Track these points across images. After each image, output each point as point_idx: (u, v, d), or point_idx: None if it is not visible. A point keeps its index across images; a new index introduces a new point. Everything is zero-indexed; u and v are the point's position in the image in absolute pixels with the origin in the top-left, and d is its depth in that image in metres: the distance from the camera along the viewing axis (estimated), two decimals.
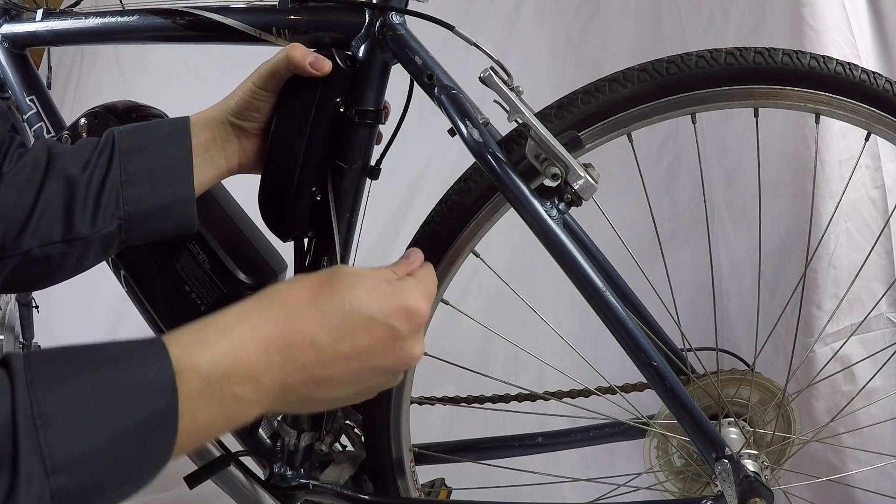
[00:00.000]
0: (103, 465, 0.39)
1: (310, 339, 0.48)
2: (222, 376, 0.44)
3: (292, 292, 0.50)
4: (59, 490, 0.37)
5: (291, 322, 0.47)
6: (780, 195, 1.29)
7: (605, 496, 0.99)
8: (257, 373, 0.45)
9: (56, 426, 0.37)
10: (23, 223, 0.65)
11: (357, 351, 0.49)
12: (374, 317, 0.50)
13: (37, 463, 0.36)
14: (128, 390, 0.40)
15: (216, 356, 0.44)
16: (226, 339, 0.45)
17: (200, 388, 0.43)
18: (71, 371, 0.39)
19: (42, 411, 0.37)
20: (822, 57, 0.76)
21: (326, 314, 0.49)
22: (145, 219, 0.68)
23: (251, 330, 0.46)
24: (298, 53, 0.69)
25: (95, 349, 0.42)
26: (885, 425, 1.19)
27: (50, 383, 0.38)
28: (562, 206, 0.73)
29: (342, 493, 0.91)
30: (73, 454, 0.37)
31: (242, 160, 0.75)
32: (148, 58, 2.29)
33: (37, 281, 0.69)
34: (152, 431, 0.41)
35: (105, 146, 0.69)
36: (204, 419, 0.44)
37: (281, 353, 0.47)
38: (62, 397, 0.38)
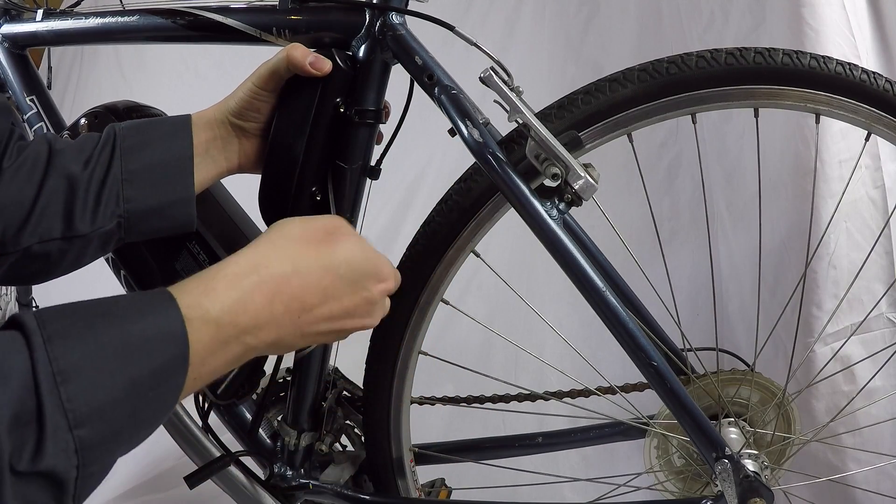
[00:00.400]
0: (121, 415, 0.41)
1: (310, 294, 0.52)
2: (231, 324, 0.47)
3: (298, 245, 0.53)
4: (82, 442, 0.38)
5: (297, 277, 0.51)
6: (780, 195, 1.29)
7: (605, 496, 0.99)
8: (261, 322, 0.49)
9: (75, 381, 0.38)
10: (23, 220, 0.65)
11: (342, 311, 0.55)
12: (360, 282, 0.55)
13: (60, 418, 0.37)
14: (141, 342, 0.42)
15: (225, 305, 0.47)
16: (235, 291, 0.48)
17: (211, 335, 0.46)
18: (84, 326, 0.41)
19: (61, 368, 0.38)
20: (822, 57, 0.76)
21: (327, 272, 0.53)
22: (145, 217, 0.68)
23: (260, 281, 0.49)
24: (298, 53, 0.69)
25: (105, 303, 0.43)
26: (885, 425, 1.19)
27: (65, 340, 0.39)
28: (562, 206, 0.73)
29: (342, 493, 0.91)
30: (93, 407, 0.39)
31: (242, 160, 0.75)
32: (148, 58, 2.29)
33: (35, 276, 0.69)
34: (165, 379, 0.43)
35: (106, 143, 0.68)
36: (212, 363, 0.46)
37: (283, 304, 0.50)
38: (79, 353, 0.39)
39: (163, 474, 1.58)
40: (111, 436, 0.40)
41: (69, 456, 0.38)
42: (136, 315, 0.43)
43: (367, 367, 0.89)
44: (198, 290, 0.47)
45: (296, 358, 0.89)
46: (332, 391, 0.93)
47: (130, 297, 0.45)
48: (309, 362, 0.88)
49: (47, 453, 0.37)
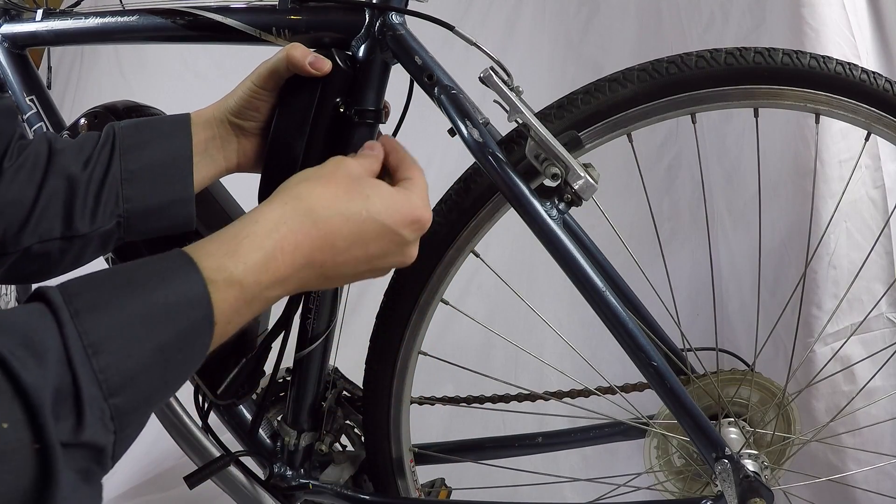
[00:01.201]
0: (152, 380, 0.42)
1: (329, 244, 0.53)
2: (255, 283, 0.48)
3: (315, 195, 0.54)
4: (118, 409, 0.40)
5: (316, 229, 0.52)
6: (780, 195, 1.29)
7: (605, 496, 0.99)
8: (284, 276, 0.50)
9: (106, 352, 0.39)
10: (23, 220, 0.65)
11: (367, 255, 0.56)
12: (387, 224, 0.56)
13: (95, 390, 0.39)
14: (167, 308, 0.43)
15: (249, 265, 0.48)
16: (259, 251, 0.49)
17: (235, 296, 0.47)
18: (110, 298, 0.42)
19: (91, 341, 0.39)
20: (822, 57, 0.76)
21: (346, 220, 0.54)
22: (144, 217, 0.68)
23: (281, 239, 0.50)
24: (298, 53, 0.69)
25: (127, 272, 0.44)
26: (885, 425, 1.19)
27: (92, 313, 0.40)
28: (562, 206, 0.73)
29: (342, 493, 0.91)
30: (125, 376, 0.40)
31: (241, 159, 0.75)
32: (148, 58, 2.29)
33: (34, 275, 0.69)
34: (192, 342, 0.45)
35: (106, 143, 0.68)
36: (235, 320, 0.48)
37: (306, 257, 0.52)
38: (107, 324, 0.40)
39: (163, 474, 1.58)
40: (143, 400, 0.42)
41: (106, 423, 0.39)
42: (159, 282, 0.44)
43: (367, 367, 0.89)
44: (220, 252, 0.48)
45: (296, 358, 0.89)
46: (332, 391, 0.93)
47: (151, 262, 0.45)
48: (309, 362, 0.88)
49: (87, 424, 0.38)
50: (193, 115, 0.72)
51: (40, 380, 0.37)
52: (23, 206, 0.64)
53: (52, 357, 0.38)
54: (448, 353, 0.90)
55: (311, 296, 0.85)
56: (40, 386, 0.36)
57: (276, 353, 0.88)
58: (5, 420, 0.35)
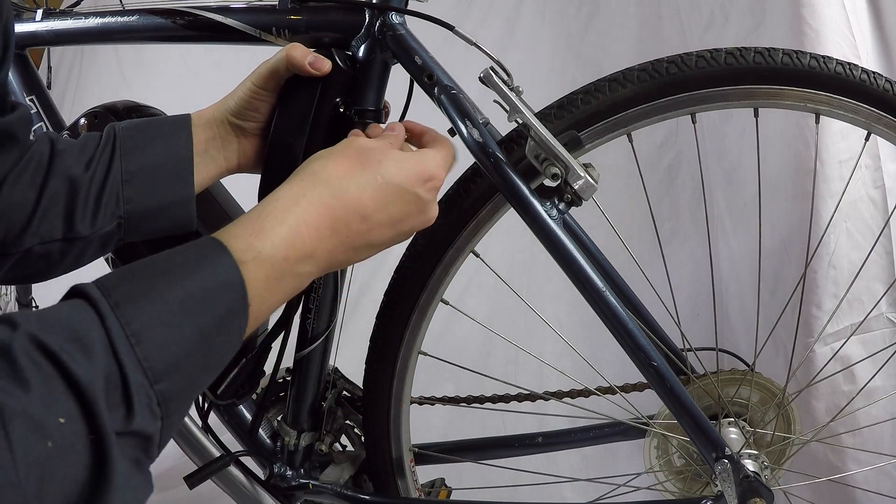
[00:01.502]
0: (194, 364, 0.43)
1: (352, 212, 0.54)
2: (283, 259, 0.49)
3: (330, 168, 0.55)
4: (163, 395, 0.41)
5: (335, 199, 0.54)
6: (780, 195, 1.29)
7: (605, 496, 0.99)
8: (311, 249, 0.52)
9: (149, 341, 0.40)
10: (26, 221, 0.65)
11: (390, 218, 0.57)
12: (402, 186, 0.57)
13: (142, 377, 0.40)
14: (203, 294, 0.44)
15: (275, 242, 0.49)
16: (282, 226, 0.50)
17: (266, 273, 0.48)
18: (148, 288, 0.43)
19: (133, 331, 0.40)
20: (822, 57, 0.76)
21: (363, 187, 0.55)
22: (145, 218, 0.68)
23: (303, 212, 0.52)
24: (298, 53, 0.69)
25: (160, 262, 0.45)
26: (885, 425, 1.19)
27: (132, 303, 0.41)
28: (562, 206, 0.73)
29: (342, 493, 0.91)
30: (169, 362, 0.41)
31: (241, 160, 0.75)
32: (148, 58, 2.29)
33: (35, 276, 0.69)
34: (229, 323, 0.46)
35: (107, 144, 0.68)
36: (269, 299, 0.49)
37: (329, 227, 0.53)
38: (148, 313, 0.41)
39: (163, 474, 1.58)
40: (187, 385, 0.43)
41: (153, 410, 0.40)
42: (193, 269, 0.45)
43: (367, 367, 0.89)
44: (247, 233, 0.49)
45: (296, 358, 0.89)
46: (332, 391, 0.93)
47: (183, 251, 0.46)
48: (309, 362, 0.88)
49: (136, 412, 0.39)
50: (193, 116, 0.72)
51: (91, 372, 0.37)
52: (25, 208, 0.64)
53: (98, 349, 0.38)
54: (448, 353, 0.90)
55: (310, 296, 0.85)
56: (92, 378, 0.37)
57: (276, 352, 0.88)
58: (62, 415, 0.36)
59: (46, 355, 0.37)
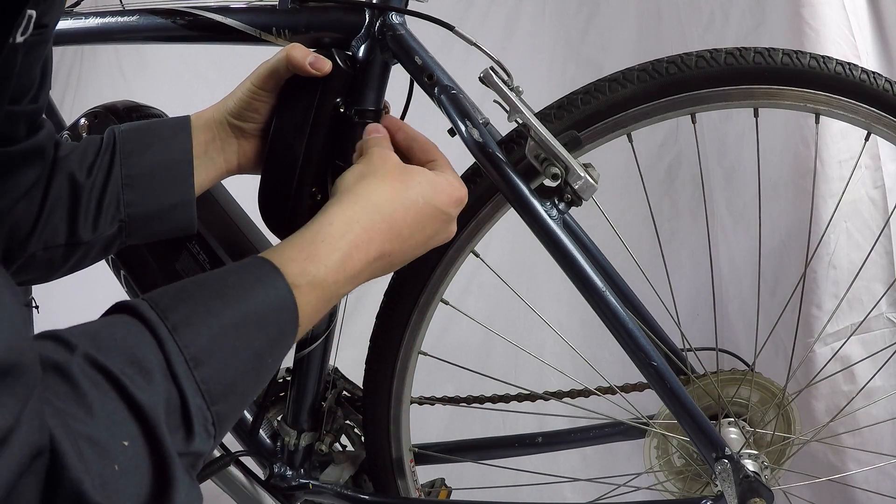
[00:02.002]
0: (248, 384, 0.45)
1: (396, 234, 0.57)
2: (334, 283, 0.52)
3: (379, 191, 0.58)
4: (219, 416, 0.42)
5: (385, 223, 0.56)
6: (780, 195, 1.29)
7: (605, 496, 0.99)
8: (359, 271, 0.54)
9: (207, 364, 0.41)
10: (31, 228, 0.65)
11: (425, 237, 0.60)
12: (439, 207, 0.60)
13: (200, 400, 0.41)
14: (258, 316, 0.46)
15: (329, 267, 0.51)
16: (337, 252, 0.52)
17: (318, 297, 0.50)
18: (204, 312, 0.43)
19: (192, 354, 0.41)
20: (822, 57, 0.76)
21: (407, 209, 0.58)
22: (146, 221, 0.68)
23: (356, 239, 0.54)
24: (298, 54, 0.69)
25: (215, 283, 0.46)
26: (885, 425, 1.19)
27: (190, 327, 0.42)
28: (562, 206, 0.73)
29: (342, 493, 0.91)
30: (226, 384, 0.42)
31: (241, 160, 0.74)
32: (148, 58, 2.29)
33: (36, 279, 0.70)
34: (281, 344, 0.48)
35: (107, 148, 0.68)
36: (315, 319, 0.52)
37: (378, 251, 0.56)
38: (205, 337, 0.42)
39: None
40: (240, 404, 0.45)
41: (208, 429, 0.41)
42: (250, 291, 0.46)
43: (367, 367, 0.89)
44: (301, 257, 0.50)
45: (296, 358, 0.89)
46: (332, 391, 0.93)
47: (238, 272, 0.48)
48: (309, 362, 0.88)
49: (196, 434, 0.40)
50: (193, 118, 0.72)
51: (152, 397, 0.38)
52: (30, 214, 0.64)
53: (157, 374, 0.39)
54: (448, 353, 0.90)
55: None
56: (154, 403, 0.38)
57: None
58: (125, 438, 0.36)
59: (108, 378, 0.37)
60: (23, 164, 0.62)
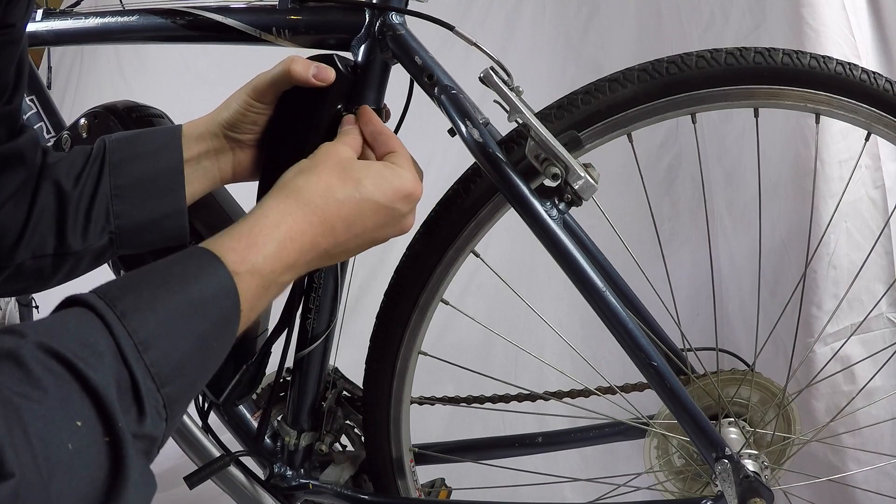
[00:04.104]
0: (195, 367, 0.47)
1: (330, 228, 0.58)
2: (271, 271, 0.53)
3: (311, 187, 0.59)
4: (169, 398, 0.43)
5: (316, 216, 0.57)
6: (780, 195, 1.29)
7: (605, 496, 0.99)
8: (294, 261, 0.56)
9: (155, 347, 0.43)
10: (18, 235, 0.64)
11: (365, 230, 0.61)
12: (380, 202, 0.61)
13: (150, 382, 0.42)
14: (201, 301, 0.47)
15: (266, 256, 0.53)
16: (273, 243, 0.54)
17: (257, 283, 0.52)
18: (151, 298, 0.45)
19: (141, 338, 0.42)
20: (823, 57, 0.76)
21: (342, 203, 0.59)
22: (136, 232, 0.68)
23: (289, 230, 0.55)
24: (300, 67, 0.67)
25: (159, 272, 0.48)
26: (885, 425, 1.19)
27: (137, 312, 0.43)
28: (562, 206, 0.73)
29: (342, 493, 0.91)
30: (174, 367, 0.44)
31: (237, 170, 0.73)
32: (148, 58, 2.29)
33: (27, 289, 0.69)
34: (224, 329, 0.49)
35: (97, 157, 0.68)
36: (256, 307, 0.53)
37: (311, 243, 0.57)
38: (152, 322, 0.44)
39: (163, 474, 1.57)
40: (189, 387, 0.46)
41: (160, 412, 0.43)
42: (193, 280, 0.48)
43: (367, 367, 0.89)
44: (241, 247, 0.52)
45: (296, 358, 0.89)
46: (332, 391, 0.93)
47: (180, 262, 0.49)
48: (309, 362, 0.88)
49: (147, 415, 0.41)
50: (186, 128, 0.71)
51: (105, 377, 0.39)
52: (17, 222, 0.64)
53: (108, 356, 0.41)
54: (448, 353, 0.90)
55: (311, 296, 0.85)
56: (106, 383, 0.39)
57: (278, 353, 0.88)
58: (79, 418, 0.38)
59: (60, 361, 0.38)
60: (3, 169, 0.62)
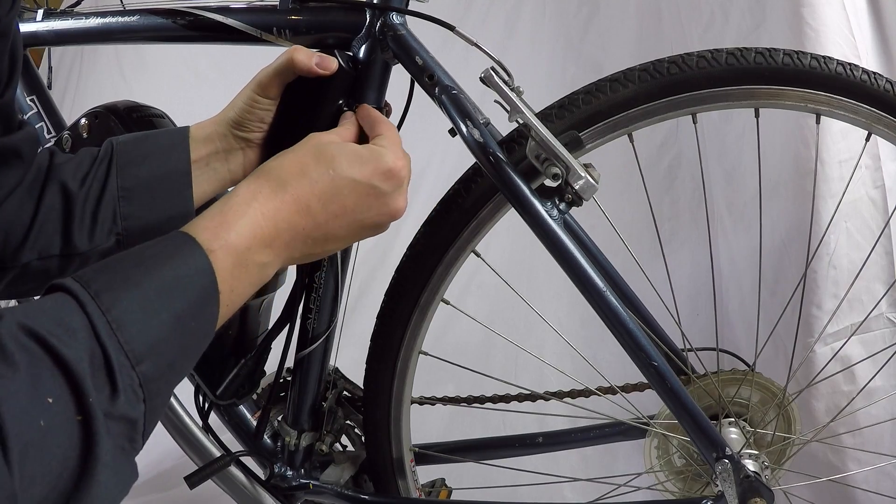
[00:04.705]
0: (172, 347, 0.46)
1: (305, 206, 0.56)
2: (246, 248, 0.52)
3: (284, 166, 0.58)
4: (145, 377, 0.43)
5: (288, 194, 0.56)
6: (780, 195, 1.29)
7: (605, 496, 0.99)
8: (270, 240, 0.54)
9: (129, 325, 0.43)
10: (23, 235, 0.64)
11: (344, 209, 0.58)
12: (355, 178, 0.58)
13: (123, 359, 0.42)
14: (176, 279, 0.47)
15: (239, 232, 0.52)
16: (244, 218, 0.53)
17: (232, 261, 0.51)
18: (124, 278, 0.45)
19: (114, 316, 0.42)
20: (823, 57, 0.76)
21: (315, 182, 0.57)
22: (143, 234, 0.67)
23: (260, 206, 0.54)
24: (302, 56, 0.67)
25: (134, 255, 0.48)
26: (885, 425, 1.19)
27: (111, 291, 0.43)
28: (562, 207, 0.73)
29: (342, 493, 0.91)
30: (148, 344, 0.43)
31: (247, 169, 0.72)
32: (148, 58, 2.29)
33: (33, 291, 0.69)
34: (202, 309, 0.49)
35: (104, 159, 0.67)
36: (237, 288, 0.52)
37: (285, 220, 0.55)
38: (126, 300, 0.43)
39: (163, 474, 1.58)
40: (167, 367, 0.45)
41: (136, 391, 0.42)
42: (166, 258, 0.48)
43: (367, 367, 0.89)
44: (213, 224, 0.52)
45: (296, 358, 0.89)
46: (333, 391, 0.93)
47: (153, 245, 0.49)
48: (309, 362, 0.88)
49: (120, 392, 0.41)
50: (194, 130, 0.71)
51: (77, 353, 0.39)
52: (23, 221, 0.64)
53: (81, 333, 0.40)
54: (448, 353, 0.90)
55: (311, 296, 0.85)
56: (78, 358, 0.39)
57: (278, 353, 0.88)
58: (50, 395, 0.37)
59: (34, 338, 0.38)
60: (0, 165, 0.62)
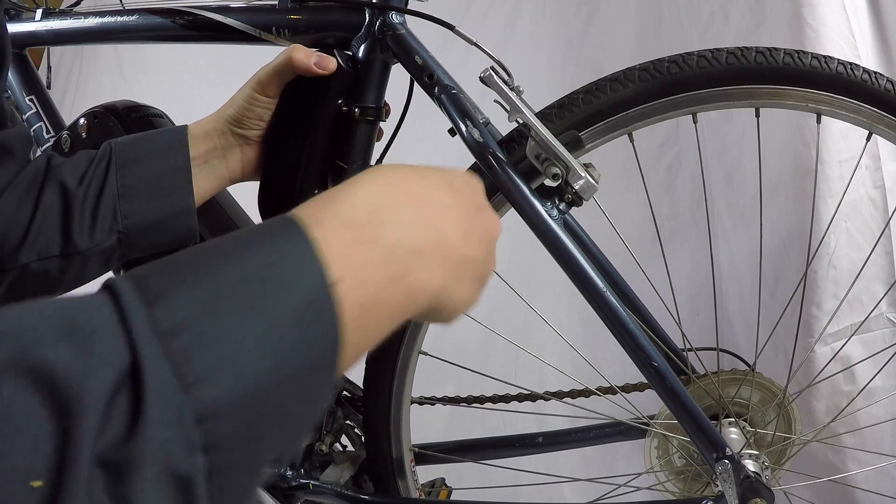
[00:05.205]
0: (258, 376, 0.28)
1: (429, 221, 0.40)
2: (367, 221, 0.35)
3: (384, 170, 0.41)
4: (209, 413, 0.27)
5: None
6: (780, 195, 1.29)
7: (605, 496, 0.98)
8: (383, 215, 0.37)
9: (189, 330, 0.28)
10: (21, 236, 0.64)
11: (446, 211, 0.43)
12: (453, 182, 0.45)
13: (167, 370, 0.26)
14: (262, 269, 0.31)
15: (355, 202, 0.37)
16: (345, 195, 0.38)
17: (351, 238, 0.34)
18: (196, 272, 0.31)
19: (164, 314, 0.28)
20: (824, 57, 0.76)
21: (425, 177, 0.42)
22: (145, 232, 0.68)
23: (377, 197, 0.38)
24: (301, 55, 0.68)
25: (202, 248, 0.34)
26: (885, 425, 1.19)
27: (167, 285, 0.30)
28: (562, 206, 0.73)
29: (342, 493, 0.91)
30: (213, 362, 0.27)
31: (246, 167, 0.73)
32: (148, 58, 2.29)
33: (35, 294, 0.68)
34: (309, 318, 0.31)
35: (102, 158, 0.68)
36: (366, 279, 0.33)
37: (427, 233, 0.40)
38: (185, 299, 0.29)
39: None
40: (249, 403, 0.28)
41: (185, 424, 0.26)
42: (248, 249, 0.33)
43: (367, 366, 0.89)
44: (315, 202, 0.38)
45: None
46: (332, 391, 0.93)
47: (234, 234, 0.34)
48: None
49: (149, 420, 0.25)
50: (192, 127, 0.71)
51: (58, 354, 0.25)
52: (21, 222, 0.64)
53: (100, 333, 0.27)
54: (448, 353, 0.90)
55: None
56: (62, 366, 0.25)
57: None
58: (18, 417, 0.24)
59: None
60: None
